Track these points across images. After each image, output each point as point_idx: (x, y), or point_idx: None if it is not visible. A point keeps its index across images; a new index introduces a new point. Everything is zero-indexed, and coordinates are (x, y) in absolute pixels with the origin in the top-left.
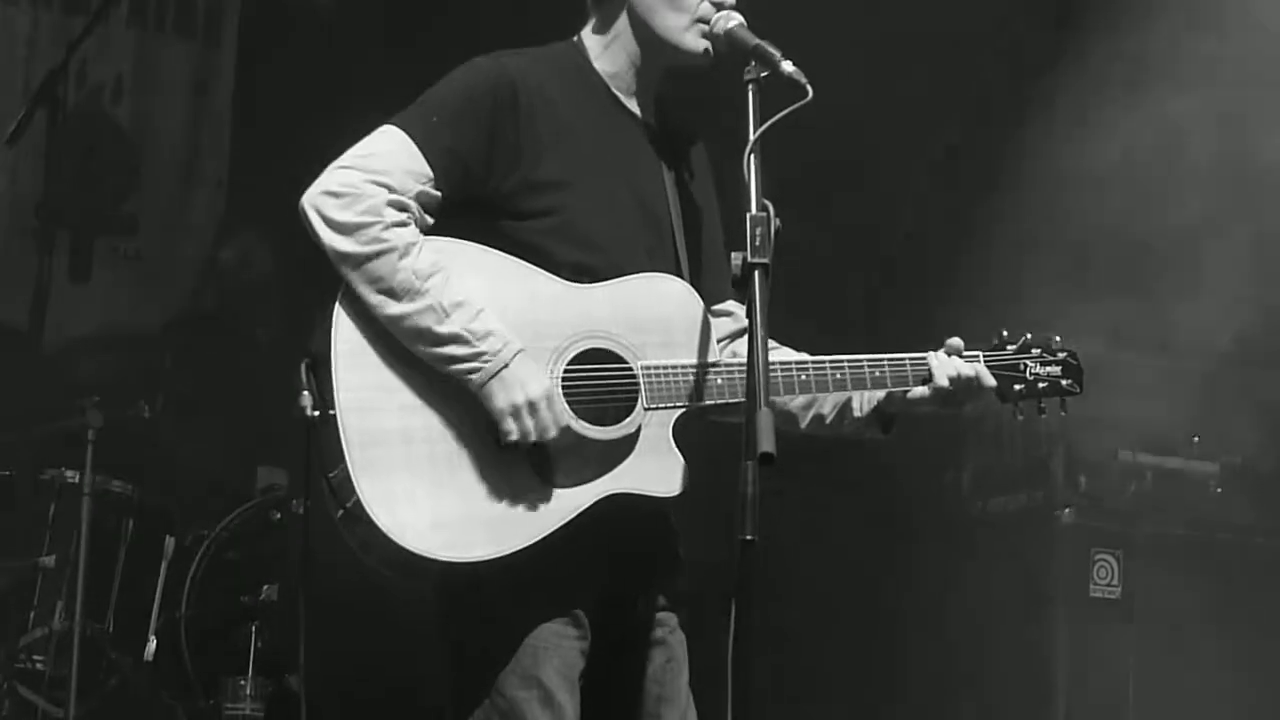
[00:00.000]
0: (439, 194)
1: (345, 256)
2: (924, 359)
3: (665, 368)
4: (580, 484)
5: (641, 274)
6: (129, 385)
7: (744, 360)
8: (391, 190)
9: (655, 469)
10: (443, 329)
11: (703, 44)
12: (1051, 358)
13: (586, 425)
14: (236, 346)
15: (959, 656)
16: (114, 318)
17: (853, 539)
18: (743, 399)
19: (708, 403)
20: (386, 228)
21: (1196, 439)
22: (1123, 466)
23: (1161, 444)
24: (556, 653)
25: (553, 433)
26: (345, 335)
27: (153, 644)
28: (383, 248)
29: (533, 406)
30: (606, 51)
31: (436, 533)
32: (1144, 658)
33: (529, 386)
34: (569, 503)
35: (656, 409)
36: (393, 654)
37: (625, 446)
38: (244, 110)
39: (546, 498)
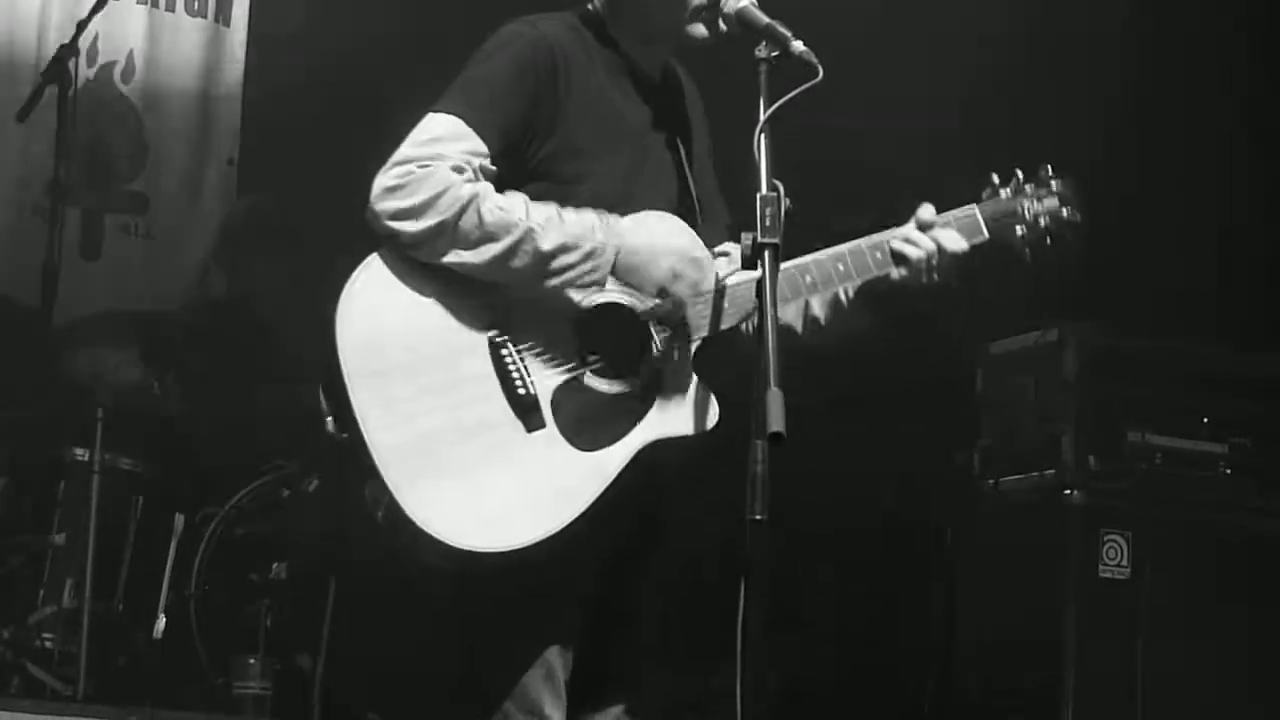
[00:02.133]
0: (495, 169)
1: (432, 233)
2: (881, 241)
3: (674, 305)
4: (614, 442)
5: (630, 216)
6: (139, 363)
7: (749, 276)
8: (451, 161)
9: (683, 407)
10: (548, 245)
11: (706, 32)
12: (1046, 190)
13: (604, 380)
14: (246, 320)
15: (966, 636)
16: (124, 295)
17: (862, 518)
18: (751, 315)
19: (723, 327)
20: (458, 188)
21: (1205, 420)
22: (1132, 447)
23: (1171, 425)
24: (556, 627)
25: (710, 279)
26: (350, 356)
27: (162, 622)
28: (460, 206)
29: (675, 272)
30: (615, 19)
31: (488, 527)
32: (1153, 638)
33: (661, 261)
34: (608, 464)
35: (672, 348)
36: (406, 633)
37: (650, 394)
38: (255, 89)
39: (585, 464)
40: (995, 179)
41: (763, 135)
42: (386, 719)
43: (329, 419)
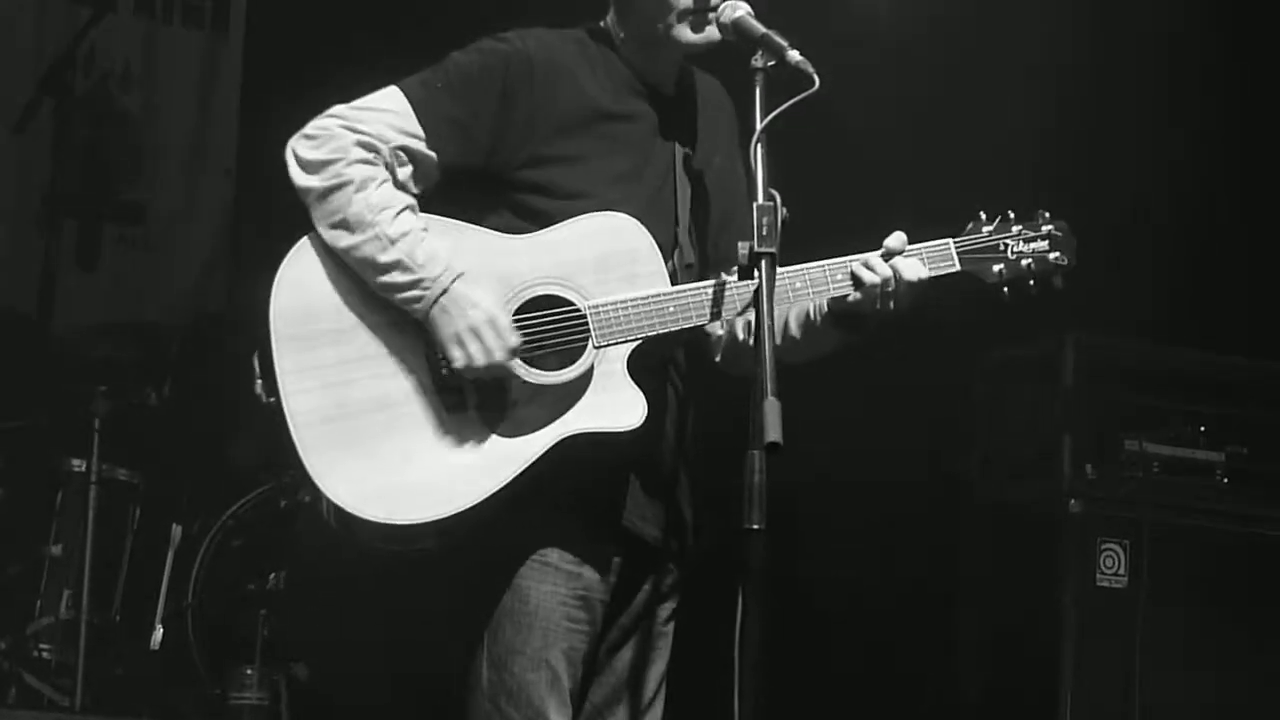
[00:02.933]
0: (433, 154)
1: (307, 191)
2: (844, 263)
3: (613, 304)
4: (535, 431)
5: (585, 214)
6: (136, 373)
7: (700, 285)
8: (363, 134)
9: (610, 405)
10: (385, 257)
11: (702, 36)
12: (1035, 232)
13: (537, 372)
14: (245, 331)
15: (963, 644)
16: (121, 305)
17: (861, 526)
18: (695, 323)
19: (660, 331)
20: (349, 164)
21: (1203, 428)
22: (1130, 455)
23: (1169, 433)
24: (566, 637)
25: (499, 356)
26: (281, 322)
27: (159, 632)
28: (340, 181)
29: (476, 332)
30: (624, 35)
31: (391, 498)
32: (1150, 646)
33: (469, 314)
34: (525, 449)
35: (608, 346)
36: (399, 641)
37: (579, 387)
38: (252, 99)
39: (501, 449)
40: (982, 215)
41: (759, 145)
42: None
43: (258, 382)
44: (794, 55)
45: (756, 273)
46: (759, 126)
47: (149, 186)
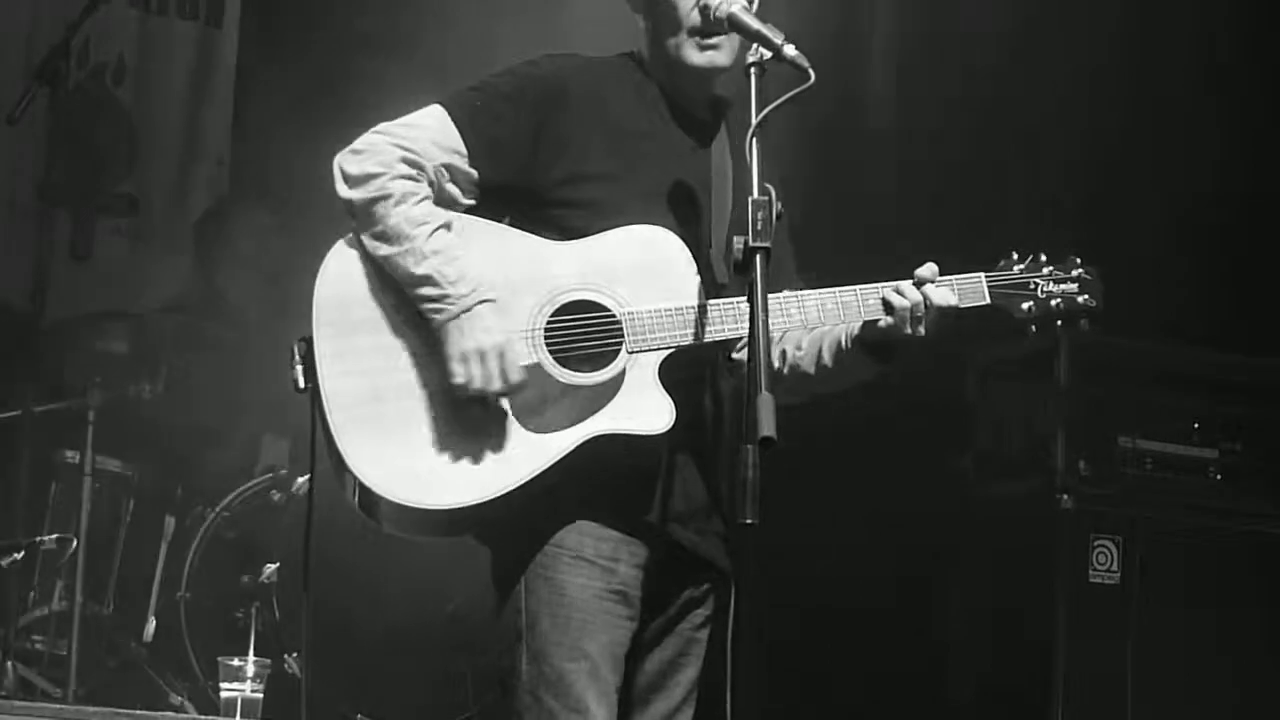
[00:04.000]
0: (474, 172)
1: (350, 204)
2: (875, 289)
3: (648, 312)
4: (563, 429)
5: (625, 226)
6: (129, 365)
7: (734, 300)
8: (409, 151)
9: (639, 409)
10: (418, 270)
11: (705, 57)
12: (1065, 275)
13: (569, 372)
14: (239, 323)
15: (957, 640)
16: (114, 297)
17: (855, 522)
18: (726, 336)
19: (692, 342)
20: (393, 179)
21: (1197, 425)
22: (1123, 452)
23: (1162, 430)
24: (604, 629)
25: (497, 385)
26: (322, 310)
27: (152, 624)
28: (382, 194)
29: (482, 355)
30: (652, 61)
31: (419, 482)
32: (1142, 644)
33: (480, 337)
34: (552, 445)
35: (640, 351)
36: (394, 635)
37: (609, 390)
38: (246, 91)
39: (529, 444)
40: (1014, 254)
41: (754, 139)
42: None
43: (298, 368)
44: (790, 50)
45: (751, 268)
46: (754, 121)
47: (142, 178)
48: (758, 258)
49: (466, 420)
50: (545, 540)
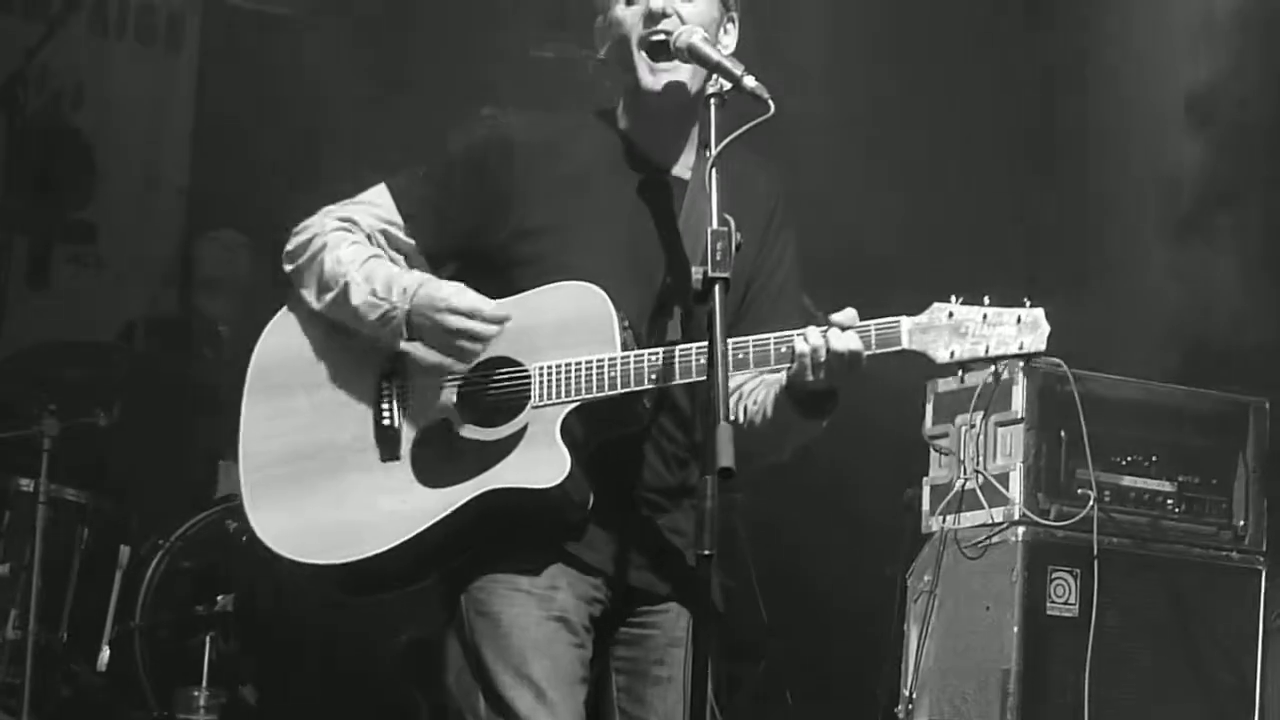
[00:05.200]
0: (412, 242)
1: (292, 274)
2: (788, 335)
3: (560, 366)
4: (459, 483)
5: (551, 284)
6: (85, 393)
7: (646, 352)
8: (342, 217)
9: (533, 463)
10: (355, 300)
11: (658, 80)
12: (1003, 319)
13: (471, 428)
14: (196, 352)
15: (914, 673)
16: (71, 325)
17: (811, 553)
18: (635, 389)
19: (598, 395)
20: (327, 233)
21: (1154, 458)
22: (1080, 484)
23: (1120, 463)
24: (547, 654)
25: (479, 325)
26: (253, 374)
27: (106, 653)
28: (315, 250)
29: (450, 310)
30: (624, 109)
31: (304, 539)
32: (1100, 676)
33: (433, 313)
34: (444, 501)
35: (545, 405)
36: (348, 665)
37: (509, 445)
38: (204, 118)
39: (423, 500)
40: (953, 298)
41: (714, 170)
42: None
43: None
44: (749, 81)
45: (710, 299)
46: (713, 151)
47: (100, 206)
48: (716, 288)
49: (369, 477)
50: (482, 575)
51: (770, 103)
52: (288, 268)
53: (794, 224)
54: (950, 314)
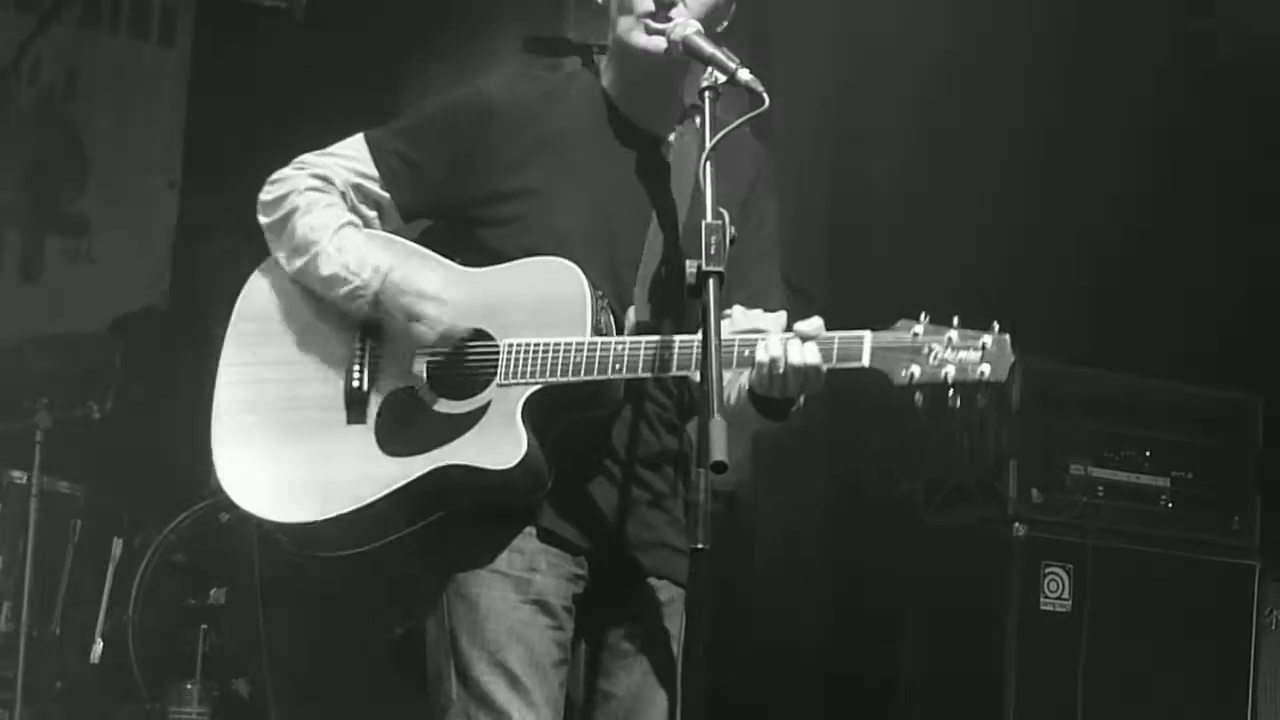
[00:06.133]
0: (388, 195)
1: (266, 228)
2: (751, 339)
3: (529, 345)
4: (416, 454)
5: (532, 258)
6: (78, 386)
7: (620, 340)
8: (321, 175)
9: (492, 443)
10: (325, 271)
11: (651, 41)
12: (971, 343)
13: (437, 399)
14: (188, 345)
15: (908, 667)
16: (64, 317)
17: (805, 548)
18: (601, 377)
19: (560, 380)
20: (300, 193)
21: (1148, 453)
22: (1075, 480)
23: (1114, 458)
24: (521, 639)
25: (443, 323)
26: (235, 320)
27: (99, 646)
28: (288, 210)
29: (421, 296)
30: (608, 69)
31: (267, 494)
32: (1093, 671)
33: (403, 297)
34: (398, 471)
35: (510, 384)
36: (342, 658)
37: (470, 420)
38: (198, 111)
39: (380, 468)
40: (923, 315)
41: (709, 163)
42: None
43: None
44: (744, 74)
45: (704, 292)
46: (709, 145)
47: (93, 198)
48: (710, 282)
49: (332, 438)
50: (461, 561)
51: (765, 96)
52: (263, 220)
53: (776, 194)
54: (915, 333)
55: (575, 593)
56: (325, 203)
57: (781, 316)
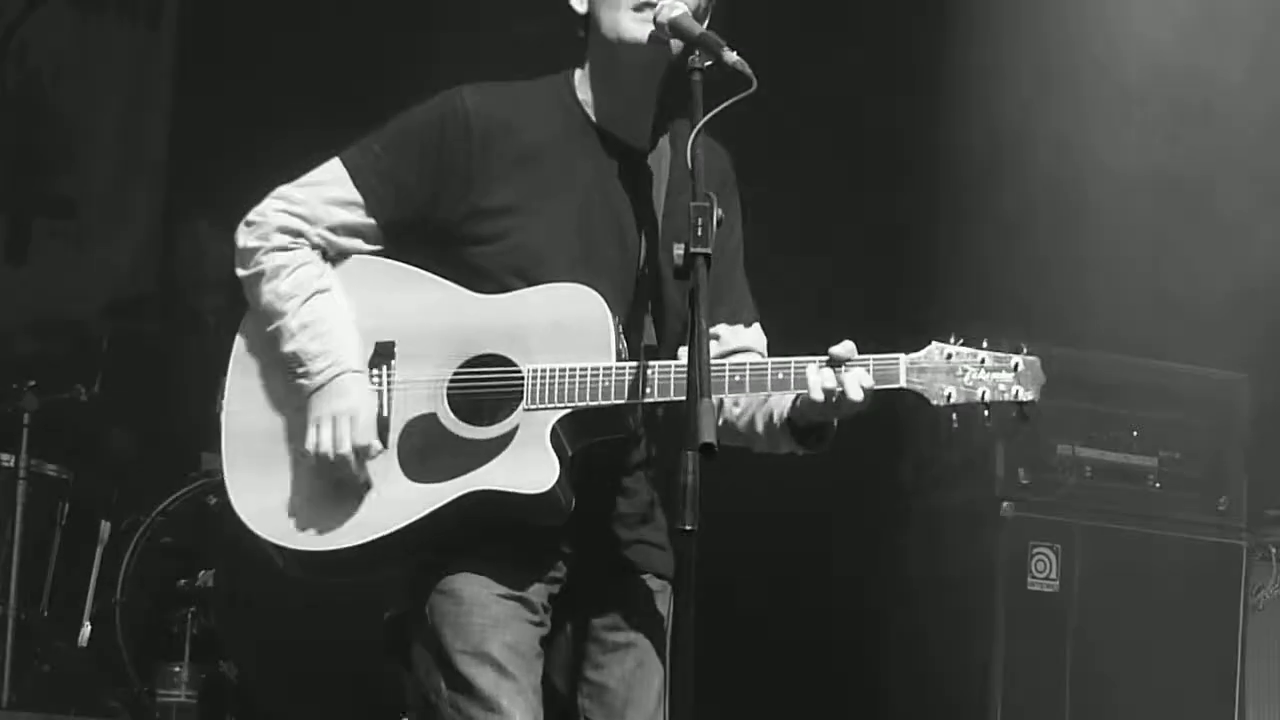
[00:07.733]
0: (373, 221)
1: (240, 279)
2: (803, 365)
3: (552, 370)
4: (444, 480)
5: (548, 284)
6: (65, 368)
7: (639, 365)
8: (296, 217)
9: (522, 466)
10: (285, 349)
11: (644, 29)
12: (1000, 364)
13: (461, 424)
14: (175, 328)
15: (896, 647)
16: (51, 300)
17: (793, 528)
18: (627, 400)
19: (590, 403)
20: (266, 252)
21: (1135, 433)
22: (1062, 460)
23: (1101, 438)
24: (505, 629)
25: (344, 448)
26: (240, 343)
27: (87, 629)
28: (256, 271)
29: (333, 419)
30: (586, 79)
31: (285, 521)
32: (1080, 651)
33: (334, 402)
34: (428, 498)
35: (536, 409)
36: (329, 640)
37: (498, 445)
38: (184, 94)
39: (407, 493)
40: (953, 338)
41: (696, 145)
42: None
43: (221, 400)
44: (731, 55)
45: (692, 274)
46: (696, 126)
47: (80, 181)
48: (698, 262)
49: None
50: (444, 559)
51: (753, 78)
52: (238, 272)
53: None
54: (948, 355)
55: (552, 593)
56: (295, 264)
57: (758, 329)
